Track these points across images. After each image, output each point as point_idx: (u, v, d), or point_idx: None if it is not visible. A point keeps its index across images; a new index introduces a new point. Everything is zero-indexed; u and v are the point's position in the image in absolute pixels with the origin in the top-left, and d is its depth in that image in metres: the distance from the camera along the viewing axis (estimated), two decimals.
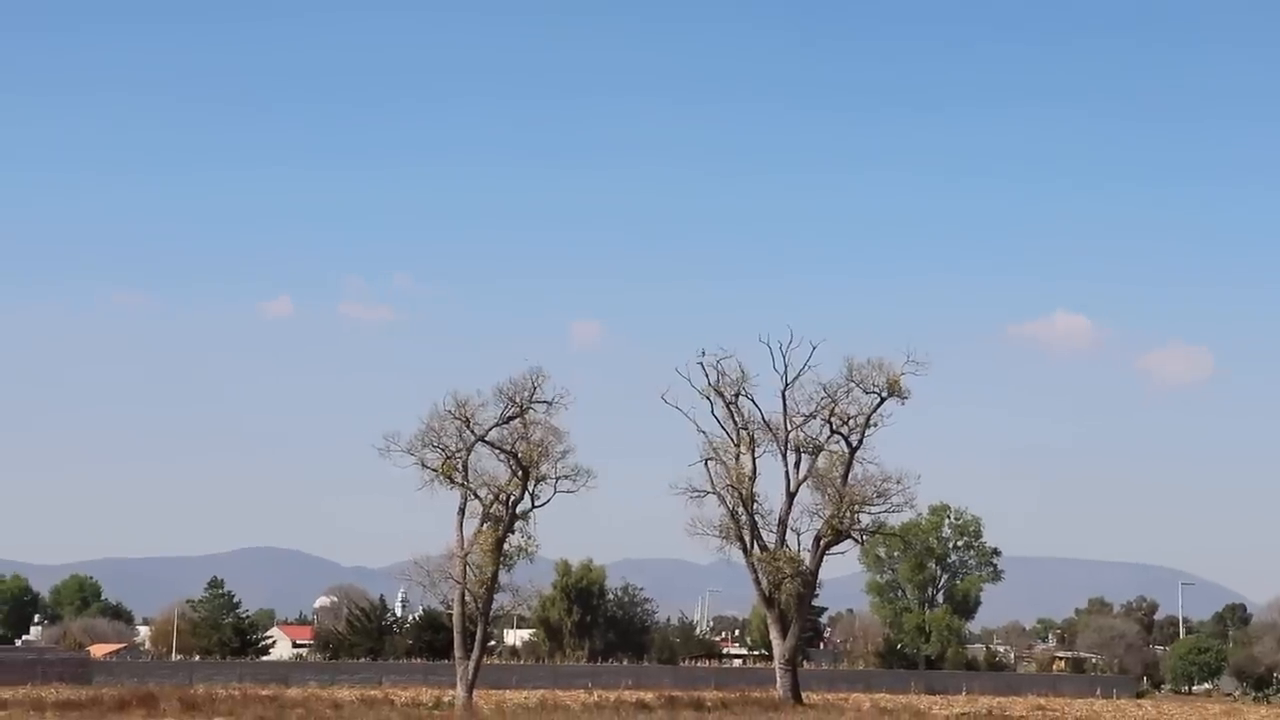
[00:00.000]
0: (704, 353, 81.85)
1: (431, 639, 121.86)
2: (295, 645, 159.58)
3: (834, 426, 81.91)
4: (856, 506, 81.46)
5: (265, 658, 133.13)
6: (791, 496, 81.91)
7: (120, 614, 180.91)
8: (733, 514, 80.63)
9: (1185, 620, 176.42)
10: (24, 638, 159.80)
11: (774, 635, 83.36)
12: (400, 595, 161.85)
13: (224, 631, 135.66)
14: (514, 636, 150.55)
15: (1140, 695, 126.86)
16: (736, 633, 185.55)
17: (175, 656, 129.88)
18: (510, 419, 71.76)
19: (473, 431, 71.23)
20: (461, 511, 71.25)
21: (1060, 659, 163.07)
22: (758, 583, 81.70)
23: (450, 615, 77.20)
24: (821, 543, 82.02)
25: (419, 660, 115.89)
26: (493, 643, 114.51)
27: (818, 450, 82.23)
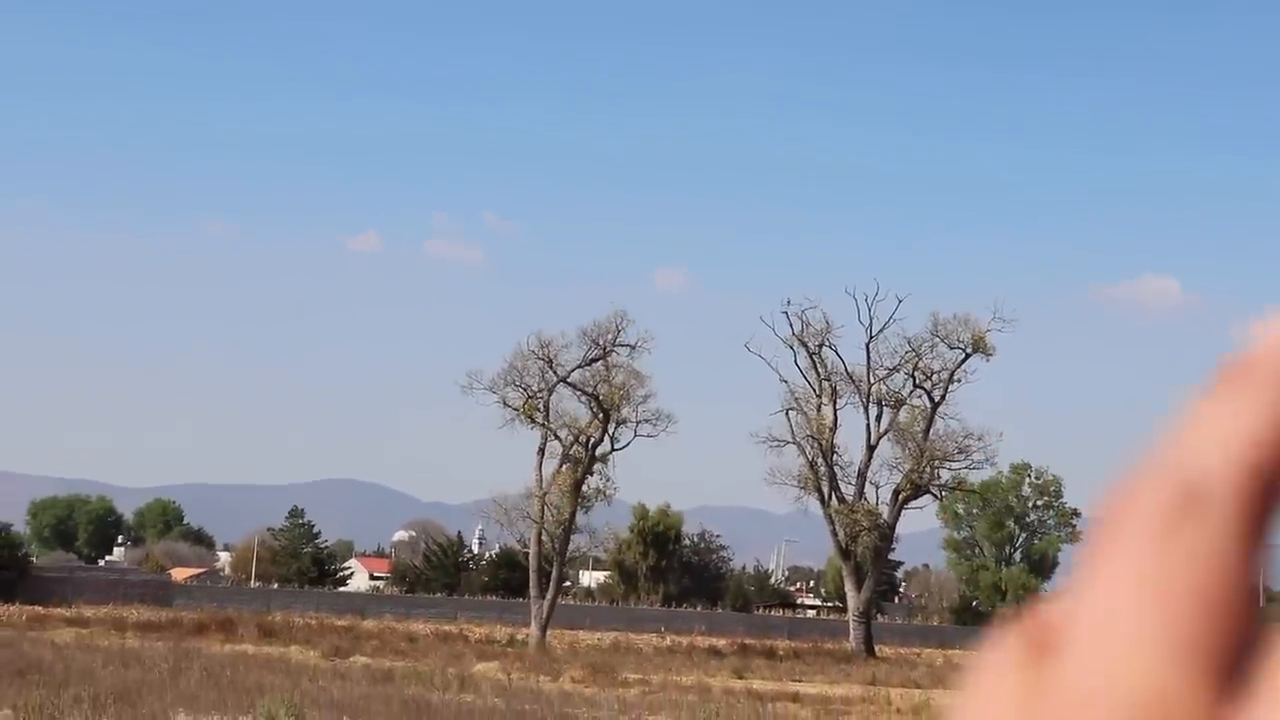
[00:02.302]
0: (789, 302, 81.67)
1: (507, 577, 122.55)
2: (372, 578, 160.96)
3: (917, 381, 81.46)
4: (937, 462, 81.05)
5: (342, 589, 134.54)
6: (872, 449, 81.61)
7: (202, 539, 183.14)
8: (812, 465, 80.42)
9: (1265, 588, 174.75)
10: (107, 558, 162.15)
11: (849, 587, 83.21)
12: (478, 532, 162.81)
13: (303, 561, 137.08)
14: (589, 578, 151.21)
15: None
16: (811, 583, 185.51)
17: (254, 583, 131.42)
18: (593, 361, 71.88)
19: (555, 372, 71.40)
20: (541, 451, 71.55)
21: None
22: (834, 534, 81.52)
23: (526, 554, 77.70)
24: (900, 497, 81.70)
25: (494, 598, 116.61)
26: (568, 583, 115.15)
27: (900, 404, 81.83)
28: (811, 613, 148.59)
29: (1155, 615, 0.51)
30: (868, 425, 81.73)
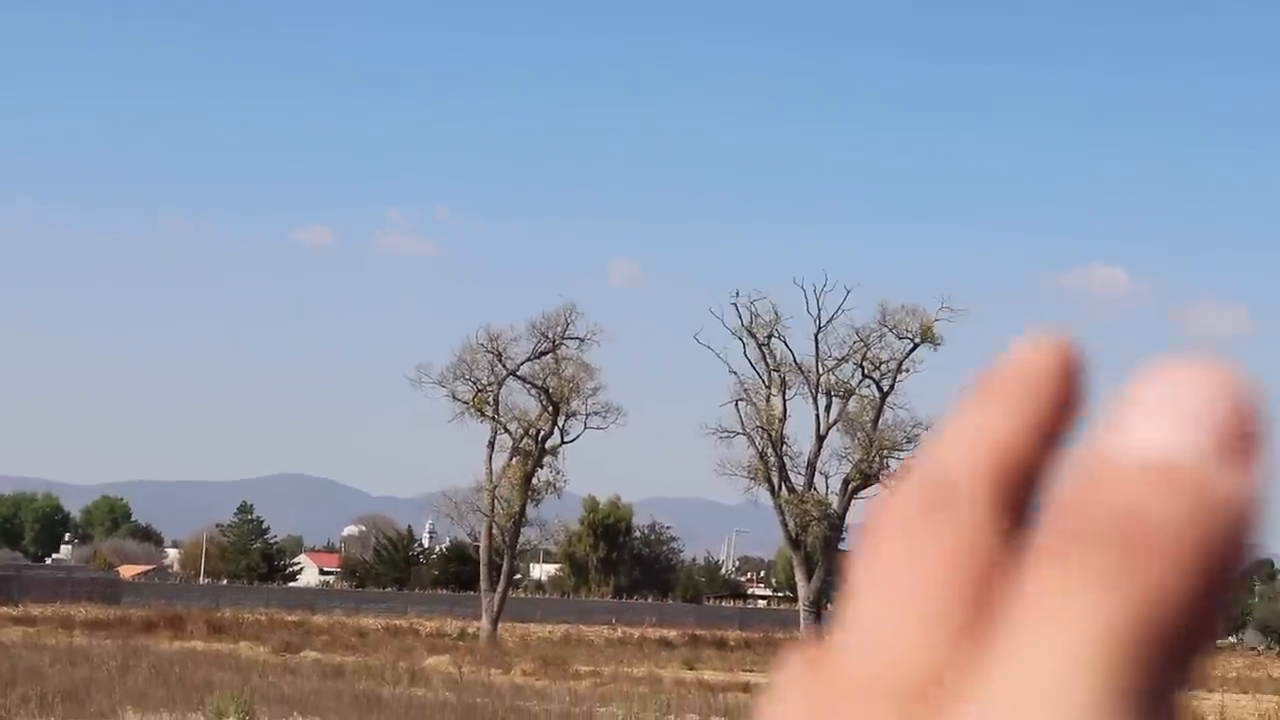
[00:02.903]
0: (737, 293, 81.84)
1: (458, 571, 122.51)
2: (322, 573, 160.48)
3: (865, 371, 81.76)
4: (886, 451, 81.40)
5: (292, 584, 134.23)
6: (821, 439, 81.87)
7: (150, 535, 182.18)
8: (762, 455, 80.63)
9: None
10: (54, 556, 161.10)
11: (799, 578, 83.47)
12: (428, 526, 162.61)
13: (252, 557, 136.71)
14: (539, 571, 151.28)
15: None
16: (762, 574, 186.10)
17: (203, 580, 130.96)
18: (542, 354, 71.88)
19: (504, 365, 71.37)
20: (491, 445, 71.51)
21: None
22: (784, 525, 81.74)
23: (477, 548, 77.66)
24: (849, 487, 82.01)
25: (445, 591, 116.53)
26: (518, 576, 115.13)
27: (849, 394, 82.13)
28: (762, 603, 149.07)
29: (913, 600, 0.57)
30: (817, 416, 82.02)
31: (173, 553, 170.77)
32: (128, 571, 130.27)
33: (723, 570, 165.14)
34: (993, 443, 0.59)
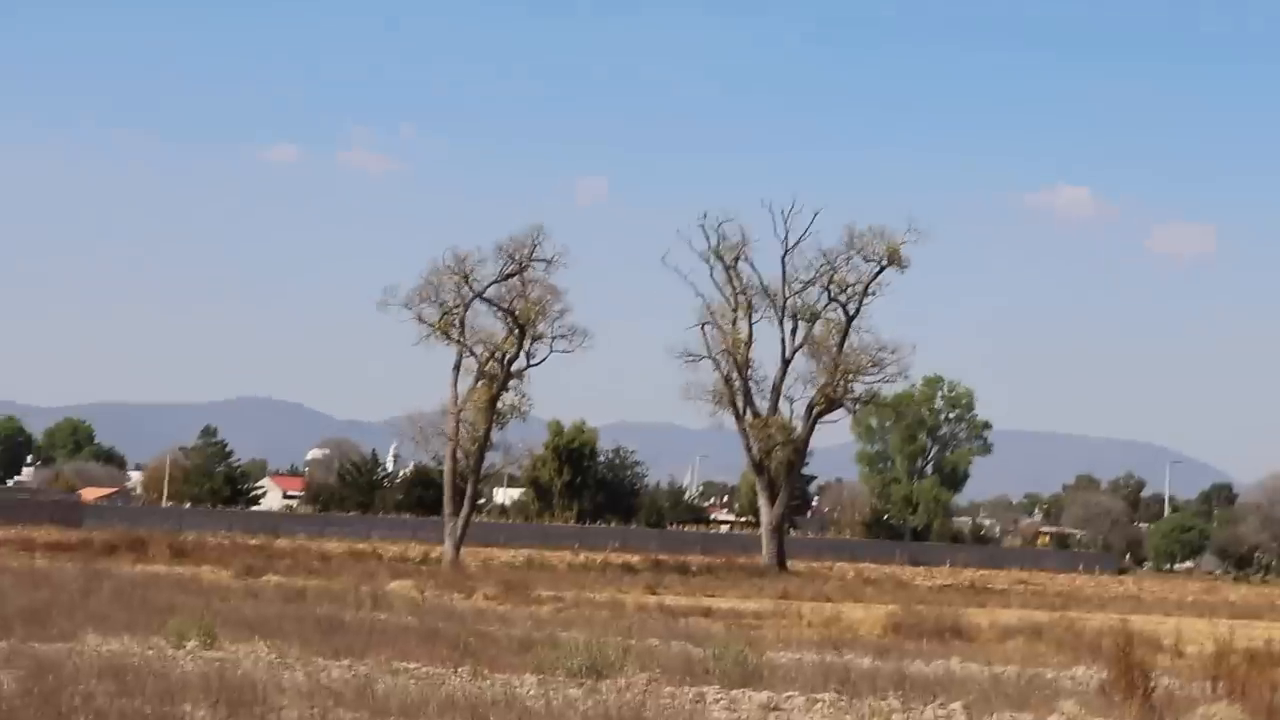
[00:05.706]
0: (705, 215, 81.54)
1: (422, 495, 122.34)
2: (286, 496, 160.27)
3: (832, 294, 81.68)
4: (850, 375, 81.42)
5: (255, 508, 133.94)
6: (786, 363, 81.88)
7: (113, 458, 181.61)
8: (727, 379, 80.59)
9: (1171, 498, 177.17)
10: (16, 478, 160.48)
11: (762, 502, 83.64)
12: (393, 450, 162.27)
13: (215, 480, 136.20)
14: (503, 495, 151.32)
15: (1122, 572, 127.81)
16: (725, 499, 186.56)
17: (166, 503, 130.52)
18: (509, 276, 71.52)
19: (471, 288, 71.02)
20: (457, 368, 71.29)
21: (1045, 534, 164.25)
22: (749, 449, 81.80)
23: (441, 472, 77.52)
24: (814, 411, 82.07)
25: (408, 516, 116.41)
26: (482, 500, 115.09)
27: (815, 318, 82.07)
28: (725, 528, 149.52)
29: None
30: (783, 339, 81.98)
31: (135, 475, 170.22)
32: (90, 494, 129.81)
33: (686, 495, 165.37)
34: None
